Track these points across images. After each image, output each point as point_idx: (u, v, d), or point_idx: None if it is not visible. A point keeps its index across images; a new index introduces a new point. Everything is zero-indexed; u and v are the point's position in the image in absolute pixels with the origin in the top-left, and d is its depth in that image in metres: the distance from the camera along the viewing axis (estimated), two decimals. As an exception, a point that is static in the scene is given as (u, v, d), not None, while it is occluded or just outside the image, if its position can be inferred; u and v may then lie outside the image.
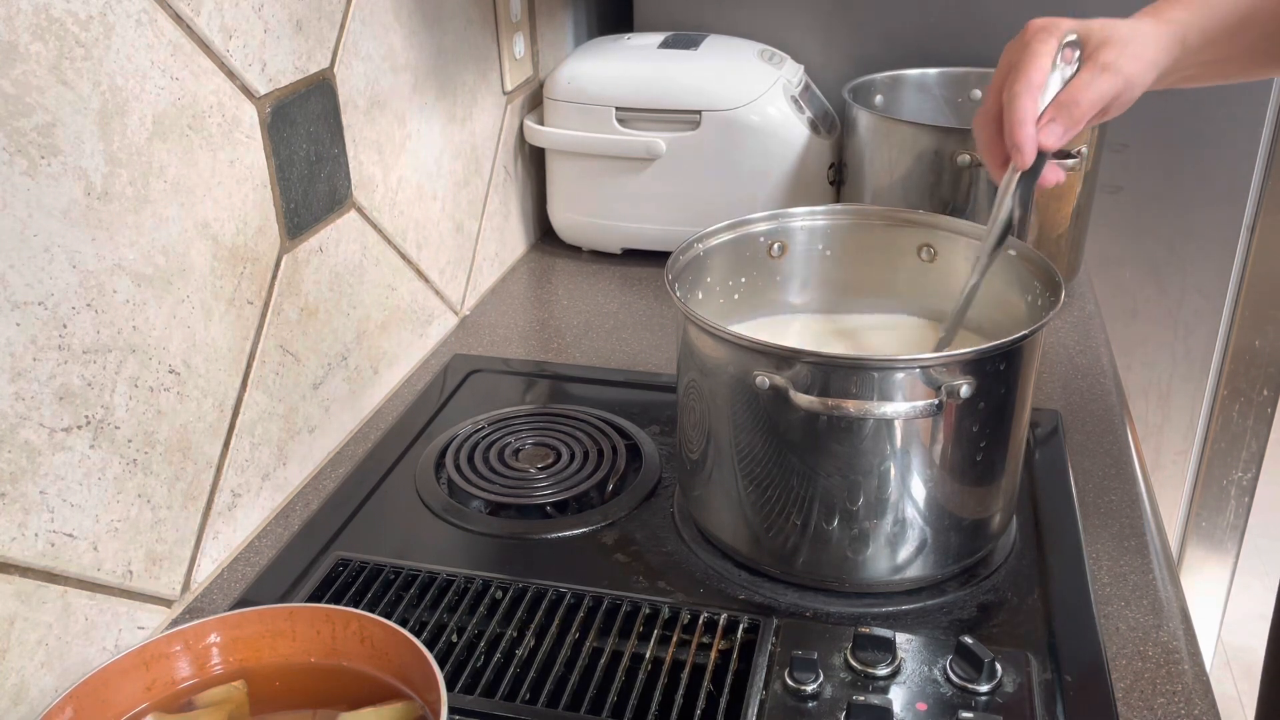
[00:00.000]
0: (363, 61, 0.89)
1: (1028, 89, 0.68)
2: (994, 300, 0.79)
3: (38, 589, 0.60)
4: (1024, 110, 0.68)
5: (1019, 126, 0.68)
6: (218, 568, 0.76)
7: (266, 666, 0.59)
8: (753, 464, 0.69)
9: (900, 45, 1.29)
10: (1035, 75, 0.68)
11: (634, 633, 0.67)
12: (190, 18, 0.68)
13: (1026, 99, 0.68)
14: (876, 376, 0.63)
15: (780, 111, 1.16)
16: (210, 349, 0.73)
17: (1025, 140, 0.68)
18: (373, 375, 0.95)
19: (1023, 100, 0.68)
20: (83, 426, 0.62)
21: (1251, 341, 1.39)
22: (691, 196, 1.20)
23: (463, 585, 0.71)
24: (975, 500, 0.70)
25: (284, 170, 0.79)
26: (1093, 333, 1.08)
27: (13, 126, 0.55)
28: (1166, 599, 0.71)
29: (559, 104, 1.20)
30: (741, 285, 0.83)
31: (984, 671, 0.61)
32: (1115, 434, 0.90)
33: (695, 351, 0.70)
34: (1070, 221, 1.11)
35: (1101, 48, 0.69)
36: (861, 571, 0.69)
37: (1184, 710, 0.62)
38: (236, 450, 0.77)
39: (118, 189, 0.63)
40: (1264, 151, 1.28)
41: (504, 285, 1.22)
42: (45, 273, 0.58)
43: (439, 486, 0.83)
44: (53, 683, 0.61)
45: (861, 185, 1.17)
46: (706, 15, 1.34)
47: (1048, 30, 0.69)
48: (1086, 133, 1.05)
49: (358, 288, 0.91)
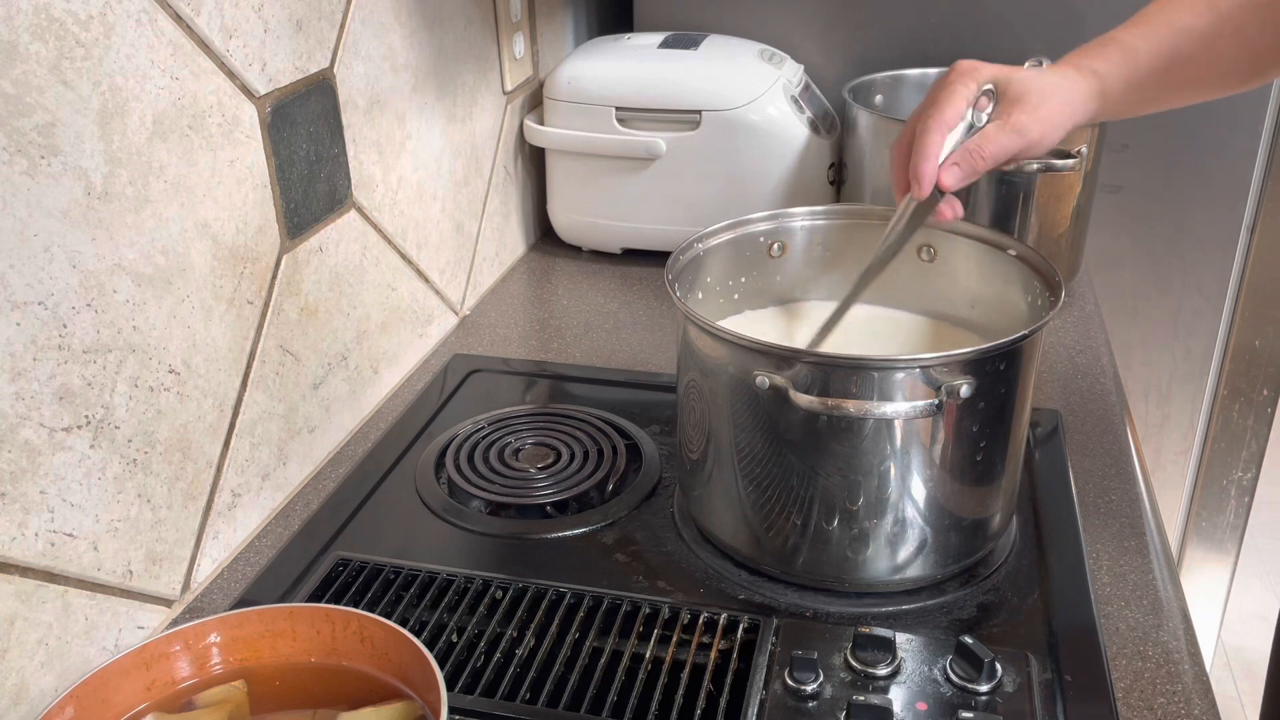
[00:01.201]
0: (363, 61, 0.89)
1: (938, 127, 0.73)
2: (994, 300, 0.79)
3: (38, 589, 0.60)
4: (931, 146, 0.73)
5: (923, 161, 0.73)
6: (218, 568, 0.76)
7: (266, 666, 0.59)
8: (753, 464, 0.69)
9: (900, 45, 1.29)
10: (948, 115, 0.73)
11: (634, 633, 0.67)
12: (190, 18, 0.68)
13: (935, 135, 0.73)
14: (876, 376, 0.63)
15: (780, 111, 1.16)
16: (210, 349, 0.73)
17: (926, 175, 0.73)
18: (373, 375, 0.95)
19: (932, 136, 0.73)
20: (83, 426, 0.62)
21: (1251, 341, 1.39)
22: (691, 196, 1.20)
23: (463, 585, 0.71)
24: (975, 500, 0.70)
25: (284, 170, 0.79)
26: (1093, 333, 1.08)
27: (13, 126, 0.55)
28: (1166, 599, 0.71)
29: (559, 104, 1.21)
30: (741, 285, 0.83)
31: (984, 671, 0.61)
32: (1115, 434, 0.90)
33: (695, 351, 0.70)
34: (1070, 221, 1.11)
35: (1014, 105, 0.73)
36: (861, 571, 0.69)
37: (1184, 710, 0.62)
38: (236, 450, 0.77)
39: (118, 189, 0.63)
40: (1264, 151, 1.28)
41: (504, 285, 1.22)
42: (45, 273, 0.58)
43: (439, 486, 0.83)
44: (53, 683, 0.61)
45: (861, 185, 1.17)
46: (706, 15, 1.34)
47: (970, 75, 0.74)
48: (1086, 132, 1.05)
49: (358, 288, 0.91)
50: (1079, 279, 1.19)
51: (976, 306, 0.80)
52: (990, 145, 0.73)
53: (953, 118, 0.73)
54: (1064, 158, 1.04)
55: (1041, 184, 1.07)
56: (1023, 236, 1.09)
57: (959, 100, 0.73)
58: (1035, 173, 1.05)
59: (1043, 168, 1.04)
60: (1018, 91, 0.73)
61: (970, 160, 0.73)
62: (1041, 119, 0.73)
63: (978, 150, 0.73)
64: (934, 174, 0.73)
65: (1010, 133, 0.73)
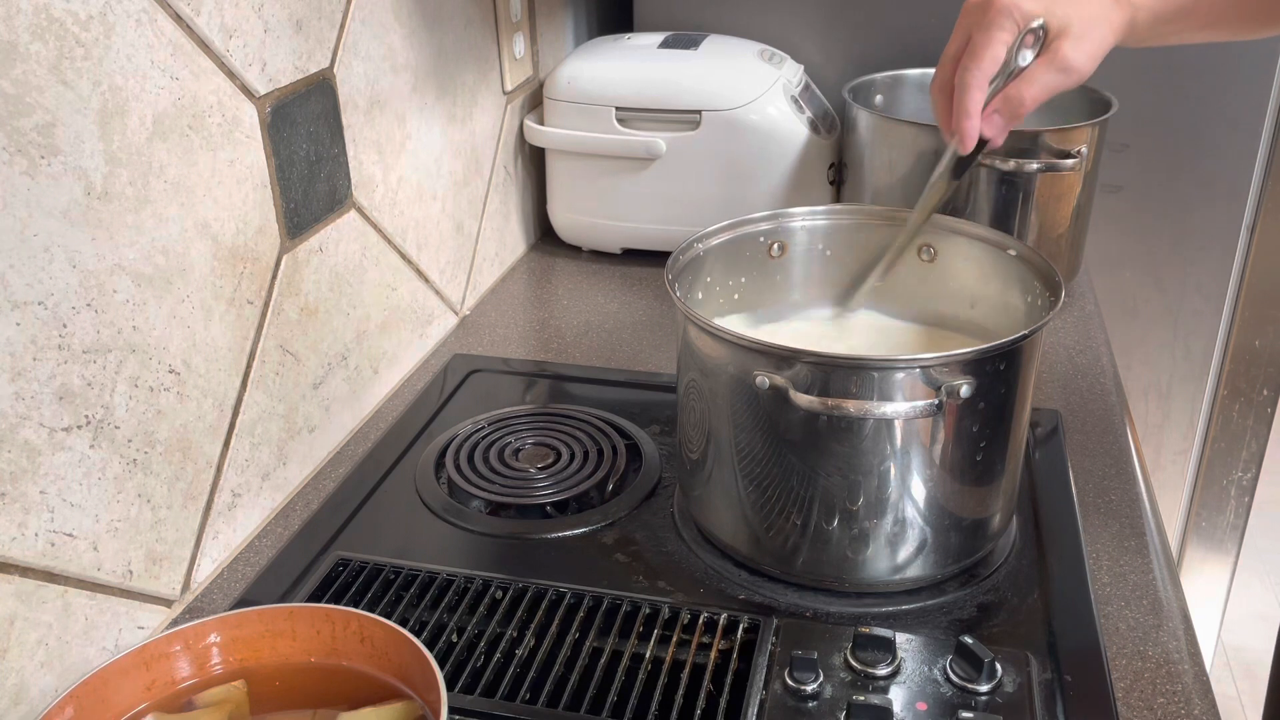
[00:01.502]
0: (363, 61, 0.89)
1: (979, 81, 0.71)
2: (994, 300, 0.79)
3: (38, 589, 0.60)
4: (973, 102, 0.72)
5: (965, 118, 0.72)
6: (218, 568, 0.76)
7: (266, 666, 0.59)
8: (753, 464, 0.69)
9: (900, 45, 1.29)
10: (988, 65, 0.71)
11: (634, 633, 0.67)
12: (190, 17, 0.68)
13: (977, 91, 0.72)
14: (876, 376, 0.63)
15: (780, 111, 1.16)
16: (210, 349, 0.73)
17: (969, 131, 0.72)
18: (373, 375, 0.95)
19: (973, 93, 0.72)
20: (83, 426, 0.62)
21: (1251, 341, 1.39)
22: (691, 196, 1.20)
23: (463, 585, 0.71)
24: (975, 500, 0.70)
25: (284, 170, 0.79)
26: (1093, 333, 1.08)
27: (13, 126, 0.55)
28: (1166, 599, 0.71)
29: (559, 104, 1.21)
30: (741, 285, 0.83)
31: (984, 671, 0.61)
32: (1115, 434, 0.90)
33: (695, 351, 0.70)
34: (1070, 221, 1.11)
35: (1060, 38, 0.71)
36: (861, 571, 0.69)
37: (1184, 710, 0.62)
38: (236, 450, 0.77)
39: (118, 189, 0.63)
40: (1264, 151, 1.28)
41: (504, 285, 1.22)
42: (45, 273, 0.58)
43: (439, 486, 0.83)
44: (53, 682, 0.61)
45: (861, 185, 1.17)
46: (706, 15, 1.34)
47: (1007, 14, 0.71)
48: (1086, 132, 1.05)
49: (358, 288, 0.91)
50: (1079, 279, 1.19)
51: (976, 306, 0.80)
52: (1035, 87, 0.71)
53: (992, 67, 0.71)
54: (1064, 158, 1.04)
55: (1041, 184, 1.07)
56: (1023, 236, 1.09)
57: (998, 47, 0.71)
58: (1035, 173, 1.05)
59: (1043, 168, 1.04)
60: (1060, 24, 0.71)
61: (1012, 106, 0.72)
62: (1085, 52, 0.71)
63: (1018, 96, 0.71)
64: (977, 129, 0.72)
65: (1056, 71, 0.70)
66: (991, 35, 0.71)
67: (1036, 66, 0.71)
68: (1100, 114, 1.08)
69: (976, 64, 0.71)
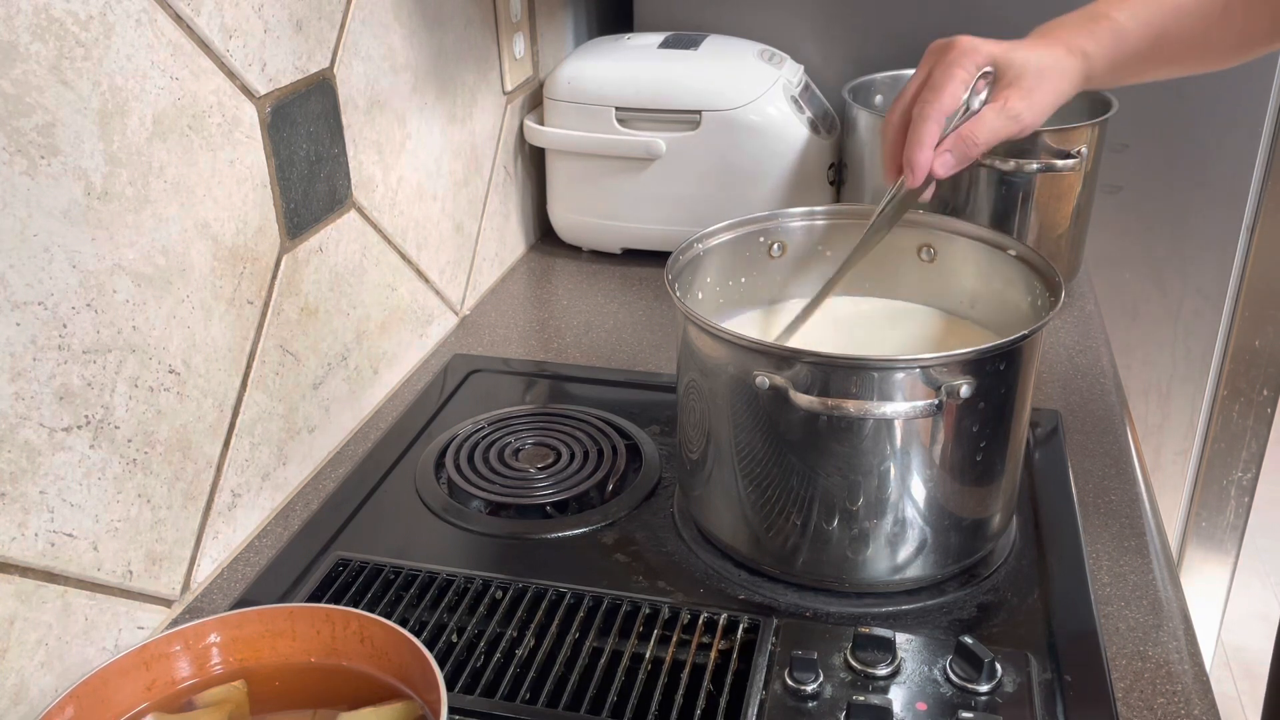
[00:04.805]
0: (363, 61, 0.89)
1: (936, 115, 0.72)
2: (994, 300, 0.79)
3: (38, 589, 0.60)
4: (927, 135, 0.72)
5: (918, 149, 0.72)
6: (218, 568, 0.76)
7: (266, 666, 0.59)
8: (753, 464, 0.69)
9: (900, 45, 1.29)
10: (947, 101, 0.72)
11: (634, 633, 0.67)
12: (190, 18, 0.68)
13: (932, 124, 0.72)
14: (876, 376, 0.63)
15: (780, 111, 1.16)
16: (210, 349, 0.73)
17: (920, 164, 0.73)
18: (373, 375, 0.95)
19: (929, 125, 0.72)
20: (83, 426, 0.62)
21: (1251, 341, 1.39)
22: (691, 196, 1.20)
23: (463, 585, 0.71)
24: (975, 500, 0.70)
25: (284, 170, 0.79)
26: (1093, 333, 1.08)
27: (13, 126, 0.55)
28: (1166, 599, 0.71)
29: (559, 104, 1.21)
30: (741, 285, 0.83)
31: (984, 671, 0.61)
32: (1115, 434, 0.90)
33: (695, 351, 0.70)
34: (1070, 221, 1.11)
35: (1010, 88, 0.72)
36: (861, 571, 0.69)
37: (1184, 710, 0.62)
38: (236, 450, 0.77)
39: (118, 189, 0.63)
40: (1264, 152, 1.28)
41: (504, 285, 1.22)
42: (45, 273, 0.58)
43: (439, 486, 0.83)
44: (53, 682, 0.61)
45: (861, 185, 1.17)
46: (706, 15, 1.34)
47: (969, 57, 0.73)
48: (1086, 132, 1.05)
49: (358, 288, 0.91)
50: (1079, 279, 1.19)
51: (976, 306, 0.80)
52: (984, 131, 0.72)
53: (950, 104, 0.72)
54: (1064, 158, 1.04)
55: (1041, 184, 1.07)
56: (1023, 236, 1.09)
57: (957, 85, 0.72)
58: (1035, 173, 1.05)
59: (1043, 168, 1.04)
60: (1015, 74, 0.72)
61: (963, 147, 0.73)
62: (1036, 103, 0.72)
63: (971, 136, 0.72)
64: (928, 163, 0.72)
65: (1006, 118, 0.72)
66: (952, 73, 0.72)
67: (987, 110, 0.72)
68: (1100, 114, 1.08)
69: (936, 98, 0.72)
